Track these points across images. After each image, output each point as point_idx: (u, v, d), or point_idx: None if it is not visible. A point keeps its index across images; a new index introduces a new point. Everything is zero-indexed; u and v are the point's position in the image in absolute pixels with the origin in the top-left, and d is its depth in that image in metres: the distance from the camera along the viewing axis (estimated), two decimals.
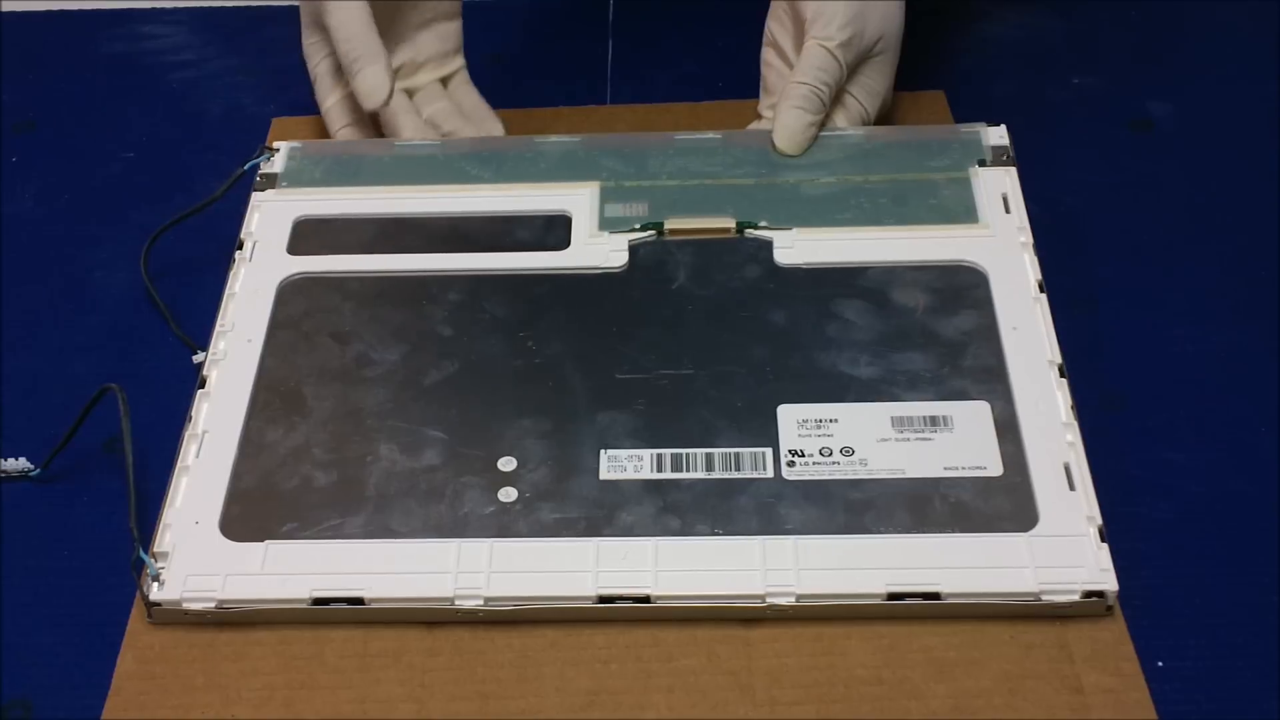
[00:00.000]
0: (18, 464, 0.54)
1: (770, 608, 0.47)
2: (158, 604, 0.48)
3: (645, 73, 0.72)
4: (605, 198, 0.60)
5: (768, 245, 0.57)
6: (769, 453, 0.50)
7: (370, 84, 0.61)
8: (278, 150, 0.62)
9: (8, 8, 0.77)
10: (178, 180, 0.67)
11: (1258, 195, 0.64)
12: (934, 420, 0.51)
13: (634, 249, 0.58)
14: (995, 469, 0.50)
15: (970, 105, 0.67)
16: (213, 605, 0.47)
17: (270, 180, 0.61)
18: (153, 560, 0.48)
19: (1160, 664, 0.47)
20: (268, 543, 0.49)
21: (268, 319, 0.56)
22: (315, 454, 0.51)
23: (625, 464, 0.50)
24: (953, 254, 0.56)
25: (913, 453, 0.50)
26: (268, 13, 0.77)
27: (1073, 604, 0.47)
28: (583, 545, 0.48)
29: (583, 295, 0.56)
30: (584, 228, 0.58)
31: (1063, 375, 0.52)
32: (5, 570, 0.51)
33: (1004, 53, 0.72)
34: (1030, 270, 0.55)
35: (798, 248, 0.57)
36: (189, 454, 0.51)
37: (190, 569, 0.48)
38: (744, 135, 0.62)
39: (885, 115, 0.64)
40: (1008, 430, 0.51)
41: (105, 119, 0.71)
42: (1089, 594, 0.46)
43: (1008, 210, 0.58)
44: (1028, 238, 0.57)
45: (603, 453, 0.51)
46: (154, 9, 0.77)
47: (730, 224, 0.58)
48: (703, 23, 0.75)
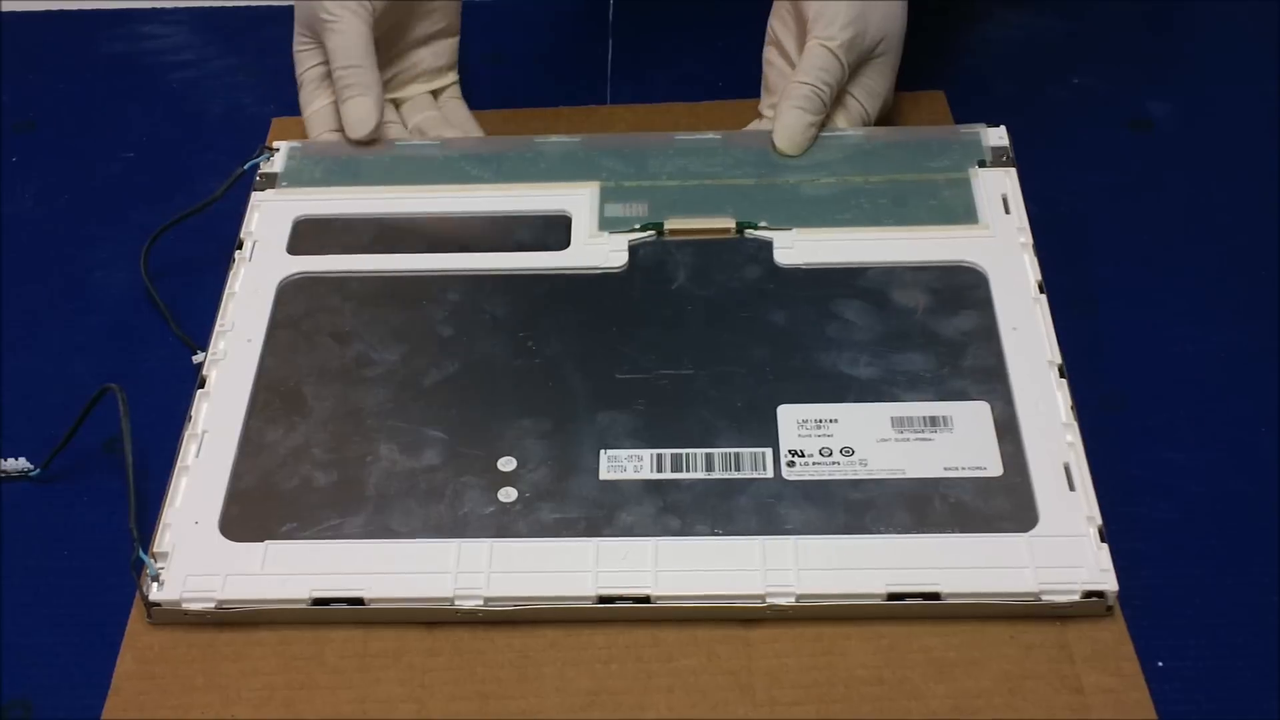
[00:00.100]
0: (17, 464, 0.54)
1: (770, 608, 0.47)
2: (157, 604, 0.48)
3: (645, 73, 0.72)
4: (605, 198, 0.59)
5: (768, 245, 0.57)
6: (769, 453, 0.50)
7: (358, 115, 0.61)
8: (277, 150, 0.62)
9: (8, 8, 0.77)
10: (178, 180, 0.67)
11: (1258, 195, 0.64)
12: (934, 420, 0.51)
13: (634, 249, 0.58)
14: (995, 469, 0.50)
15: (970, 105, 0.67)
16: (212, 605, 0.47)
17: (270, 180, 0.61)
18: (152, 560, 0.48)
19: (1160, 664, 0.47)
20: (267, 543, 0.49)
21: (267, 319, 0.56)
22: (315, 454, 0.51)
23: (625, 464, 0.50)
24: (953, 254, 0.56)
25: (913, 453, 0.50)
26: (268, 13, 0.77)
27: (1073, 604, 0.47)
28: (582, 545, 0.48)
29: (583, 295, 0.56)
30: (584, 228, 0.58)
31: (1062, 375, 0.52)
32: (5, 570, 0.51)
33: (1004, 53, 0.72)
34: (1030, 271, 0.55)
35: (798, 248, 0.57)
36: (189, 454, 0.51)
37: (190, 569, 0.48)
38: (744, 135, 0.62)
39: (886, 116, 0.64)
40: (1008, 430, 0.50)
41: (105, 119, 0.71)
42: (1089, 594, 0.46)
43: (1007, 211, 0.58)
44: (1027, 238, 0.57)
45: (603, 453, 0.51)
46: (154, 9, 0.77)
47: (730, 224, 0.58)
48: (703, 23, 0.75)
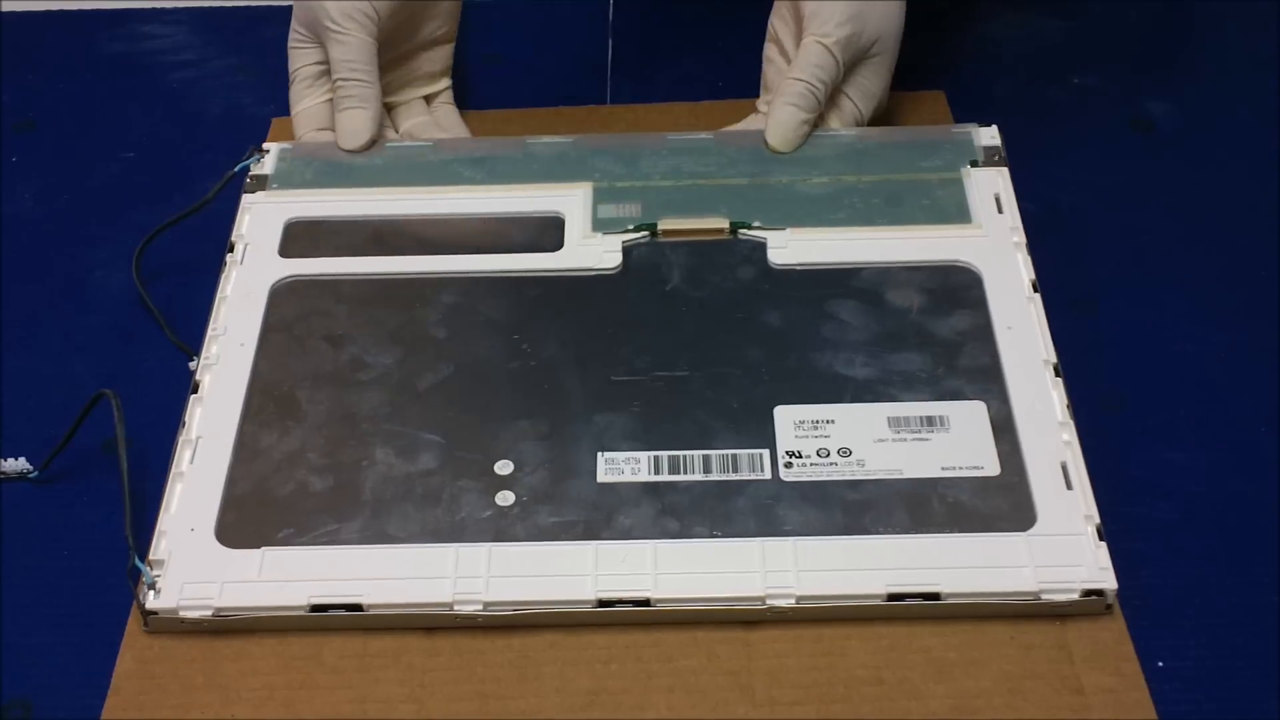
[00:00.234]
0: (17, 464, 0.54)
1: (770, 609, 0.47)
2: (154, 612, 0.47)
3: (645, 73, 0.72)
4: (598, 198, 0.59)
5: (761, 246, 0.57)
6: (766, 454, 0.50)
7: (353, 126, 0.61)
8: (268, 152, 0.62)
9: (8, 8, 0.77)
10: (177, 180, 0.67)
11: (1258, 195, 0.64)
12: (930, 420, 0.51)
13: (627, 250, 0.57)
14: (992, 469, 0.50)
15: (970, 105, 0.67)
16: (209, 613, 0.47)
17: (261, 182, 0.61)
18: (148, 568, 0.48)
19: (1160, 664, 0.47)
20: (264, 549, 0.48)
21: (260, 322, 0.55)
22: (310, 459, 0.51)
23: (623, 466, 0.50)
24: (946, 254, 0.56)
25: (910, 453, 0.50)
26: (268, 13, 0.77)
27: (1072, 603, 0.47)
28: (581, 549, 0.48)
29: (577, 297, 0.56)
30: (577, 229, 0.58)
31: (1058, 374, 0.52)
32: (5, 570, 0.51)
33: (1004, 53, 0.72)
34: (1024, 270, 0.55)
35: (791, 248, 0.57)
36: (183, 460, 0.51)
37: (186, 577, 0.48)
38: (736, 135, 0.62)
39: (882, 117, 0.64)
40: (1004, 430, 0.50)
41: (105, 119, 0.71)
42: (1088, 592, 0.46)
43: (1000, 210, 0.58)
44: (1021, 237, 0.57)
45: (600, 455, 0.51)
46: (154, 9, 0.77)
47: (724, 224, 0.58)
48: (703, 23, 0.75)
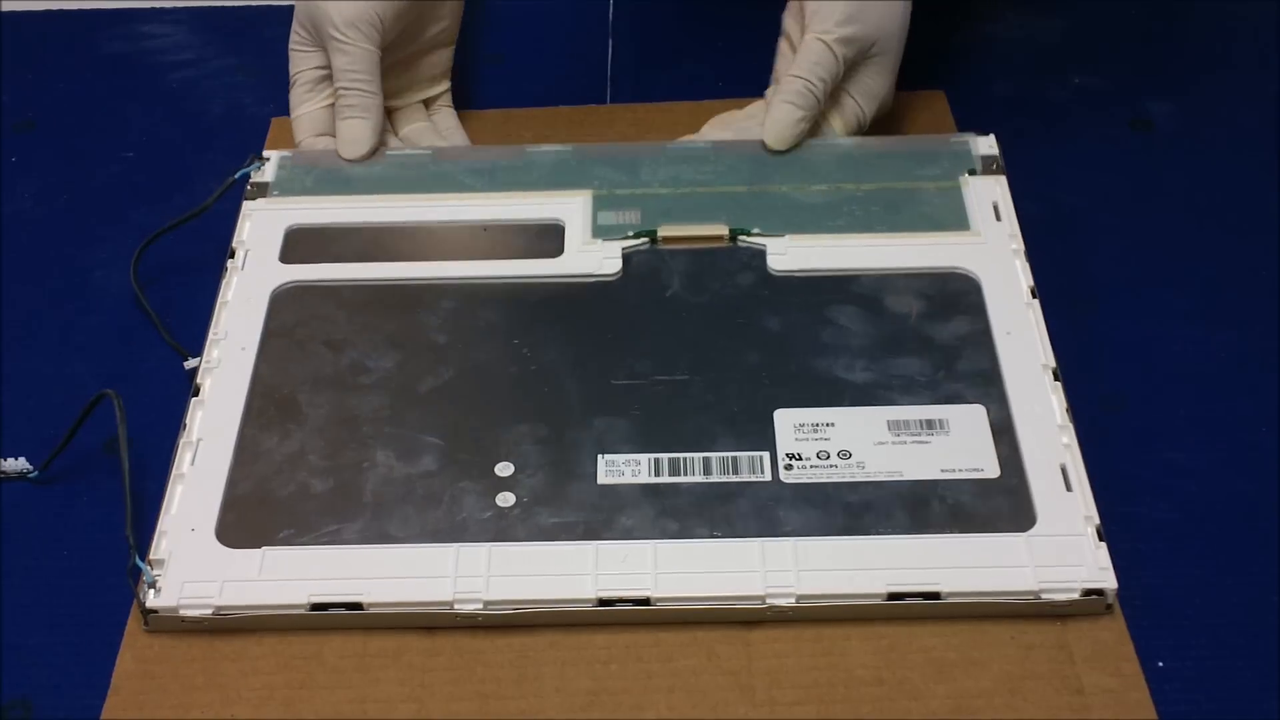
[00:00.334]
0: (17, 464, 0.54)
1: (770, 609, 0.47)
2: (154, 611, 0.47)
3: (645, 73, 0.72)
4: (598, 206, 0.59)
5: (761, 252, 0.57)
6: (766, 456, 0.50)
7: (354, 136, 0.61)
8: (268, 159, 0.62)
9: (8, 7, 0.77)
10: (177, 180, 0.67)
11: (1258, 195, 0.64)
12: (930, 424, 0.51)
13: (627, 256, 0.58)
14: (992, 471, 0.50)
15: (970, 105, 0.67)
16: (209, 612, 0.47)
17: (261, 189, 0.61)
18: (149, 567, 0.48)
19: (1160, 664, 0.47)
20: (265, 549, 0.49)
21: (261, 327, 0.55)
22: (311, 461, 0.51)
23: (623, 468, 0.50)
24: (945, 261, 0.57)
25: (910, 456, 0.50)
26: (268, 13, 0.77)
27: (1072, 602, 0.47)
28: (582, 548, 0.48)
29: (577, 302, 0.56)
30: (577, 235, 0.58)
31: (1057, 379, 0.52)
32: (5, 570, 0.51)
33: (1004, 53, 0.72)
34: (1022, 276, 0.56)
35: (791, 255, 0.57)
36: (184, 461, 0.51)
37: (187, 576, 0.48)
38: (735, 144, 0.62)
39: (885, 116, 0.64)
40: (1003, 433, 0.51)
41: (105, 119, 0.71)
42: (1088, 592, 0.47)
43: (998, 218, 0.58)
44: (1019, 245, 0.57)
45: (600, 457, 0.51)
46: (154, 9, 0.77)
47: (723, 231, 0.58)
48: (703, 23, 0.75)
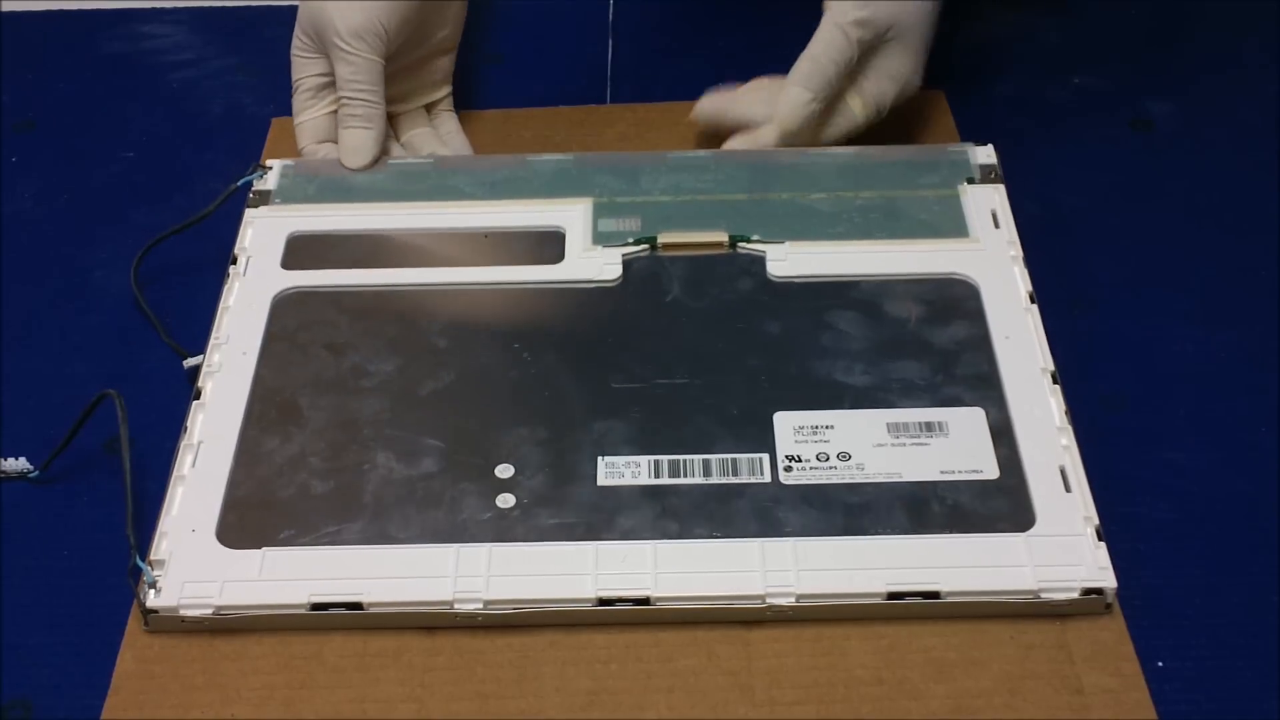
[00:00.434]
0: (17, 464, 0.54)
1: (770, 608, 0.47)
2: (154, 611, 0.47)
3: (645, 73, 0.72)
4: (598, 213, 0.60)
5: (760, 259, 0.57)
6: (766, 458, 0.50)
7: (357, 145, 0.61)
8: (270, 168, 0.62)
9: (8, 8, 0.77)
10: (177, 180, 0.67)
11: (1258, 195, 0.64)
12: (929, 426, 0.51)
13: (628, 263, 0.58)
14: (991, 473, 0.50)
15: (970, 105, 0.67)
16: (210, 612, 0.47)
17: (263, 197, 0.61)
18: (149, 567, 0.48)
19: (1160, 664, 0.47)
20: (265, 549, 0.49)
21: (262, 332, 0.55)
22: (312, 463, 0.51)
23: (623, 470, 0.50)
24: (944, 267, 0.57)
25: (909, 457, 0.50)
26: (268, 13, 0.77)
27: (1072, 601, 0.47)
28: (582, 548, 0.48)
29: (577, 307, 0.56)
30: (577, 242, 0.58)
31: (1055, 382, 0.52)
32: (5, 570, 0.51)
33: (1004, 53, 0.72)
34: (1021, 282, 0.56)
35: (790, 261, 0.57)
36: (185, 464, 0.51)
37: (187, 576, 0.48)
38: (735, 153, 0.62)
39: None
40: (1003, 435, 0.51)
41: (105, 119, 0.71)
42: (1088, 591, 0.47)
43: (997, 225, 0.58)
44: (1018, 251, 0.57)
45: (600, 459, 0.51)
46: (154, 9, 0.77)
47: (723, 238, 0.58)
48: (703, 23, 0.75)
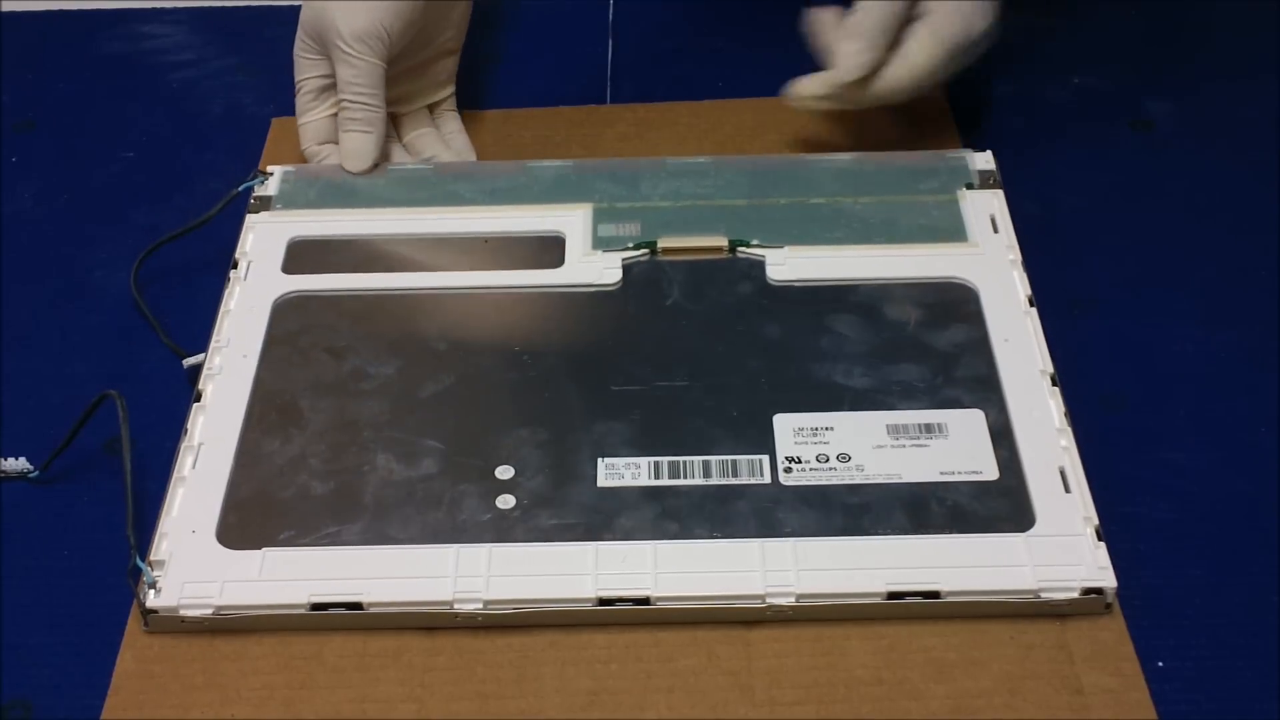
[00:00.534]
0: (17, 464, 0.54)
1: (770, 608, 0.47)
2: (154, 611, 0.47)
3: (645, 73, 0.72)
4: (598, 218, 0.60)
5: (760, 263, 0.58)
6: (766, 460, 0.50)
7: (358, 148, 0.62)
8: (271, 174, 0.62)
9: (8, 8, 0.77)
10: (178, 180, 0.67)
11: (1258, 195, 0.64)
12: (929, 428, 0.51)
13: (627, 267, 0.58)
14: (991, 474, 0.50)
15: (970, 105, 0.67)
16: (210, 612, 0.47)
17: (264, 203, 0.61)
18: (149, 568, 0.48)
19: (1160, 664, 0.47)
20: (265, 550, 0.49)
21: (263, 335, 0.56)
22: (312, 464, 0.51)
23: (623, 471, 0.50)
24: (943, 271, 0.57)
25: (909, 459, 0.50)
26: (268, 13, 0.77)
27: (1072, 601, 0.47)
28: (582, 549, 0.48)
29: (577, 311, 0.56)
30: (577, 247, 0.58)
31: (1055, 384, 0.52)
32: (5, 570, 0.51)
33: (1004, 53, 0.72)
34: (1020, 286, 0.56)
35: (790, 265, 0.57)
36: (185, 465, 0.51)
37: (187, 576, 0.48)
38: (735, 159, 0.62)
39: (881, 115, 0.63)
40: (1002, 437, 0.51)
41: (105, 119, 0.71)
42: (1088, 591, 0.47)
43: (996, 230, 0.58)
44: (1016, 256, 0.57)
45: (600, 461, 0.51)
46: (154, 9, 0.77)
47: (723, 243, 0.58)
48: (703, 23, 0.75)
